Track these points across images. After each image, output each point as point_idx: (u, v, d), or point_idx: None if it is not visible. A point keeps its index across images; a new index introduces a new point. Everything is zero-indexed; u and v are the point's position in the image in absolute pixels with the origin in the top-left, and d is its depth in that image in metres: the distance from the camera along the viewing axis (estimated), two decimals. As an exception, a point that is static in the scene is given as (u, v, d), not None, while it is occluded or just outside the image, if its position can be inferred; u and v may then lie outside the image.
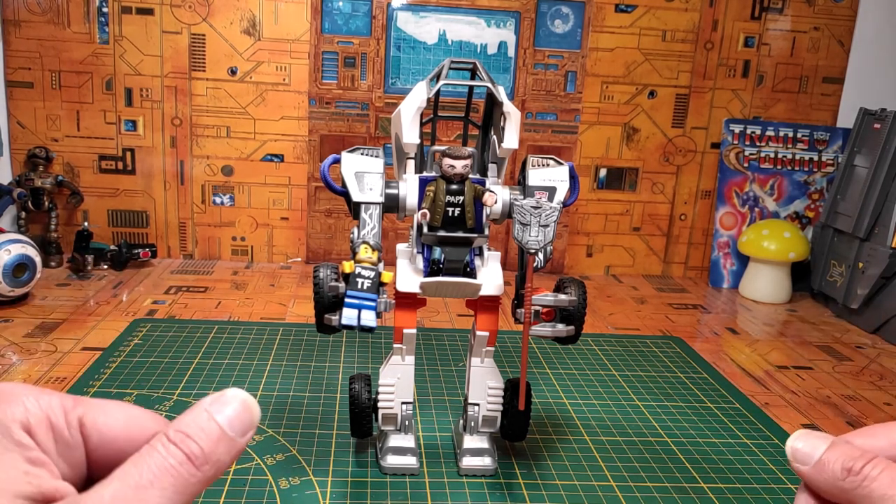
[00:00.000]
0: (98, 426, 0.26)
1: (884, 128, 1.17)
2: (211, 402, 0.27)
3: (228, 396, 0.27)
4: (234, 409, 0.27)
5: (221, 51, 1.22)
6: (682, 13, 1.28)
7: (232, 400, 0.27)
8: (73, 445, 0.26)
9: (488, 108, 0.67)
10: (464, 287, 0.61)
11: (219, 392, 0.27)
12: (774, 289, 1.26)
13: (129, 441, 0.26)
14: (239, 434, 0.26)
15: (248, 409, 0.27)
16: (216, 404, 0.27)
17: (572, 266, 1.36)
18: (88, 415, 0.26)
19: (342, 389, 0.81)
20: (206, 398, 0.27)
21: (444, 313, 1.09)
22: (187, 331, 0.94)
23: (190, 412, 0.26)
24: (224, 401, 0.27)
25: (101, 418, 0.26)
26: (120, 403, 0.27)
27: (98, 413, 0.27)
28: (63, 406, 0.26)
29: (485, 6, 1.24)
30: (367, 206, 0.61)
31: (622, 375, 0.90)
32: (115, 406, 0.27)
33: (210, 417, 0.26)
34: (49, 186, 1.20)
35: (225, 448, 0.26)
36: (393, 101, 1.25)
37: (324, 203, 1.29)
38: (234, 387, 0.28)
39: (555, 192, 0.62)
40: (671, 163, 1.34)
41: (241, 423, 0.27)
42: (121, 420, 0.27)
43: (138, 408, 0.28)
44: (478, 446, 0.66)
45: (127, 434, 0.27)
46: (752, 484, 0.68)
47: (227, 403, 0.27)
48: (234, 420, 0.26)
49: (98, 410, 0.27)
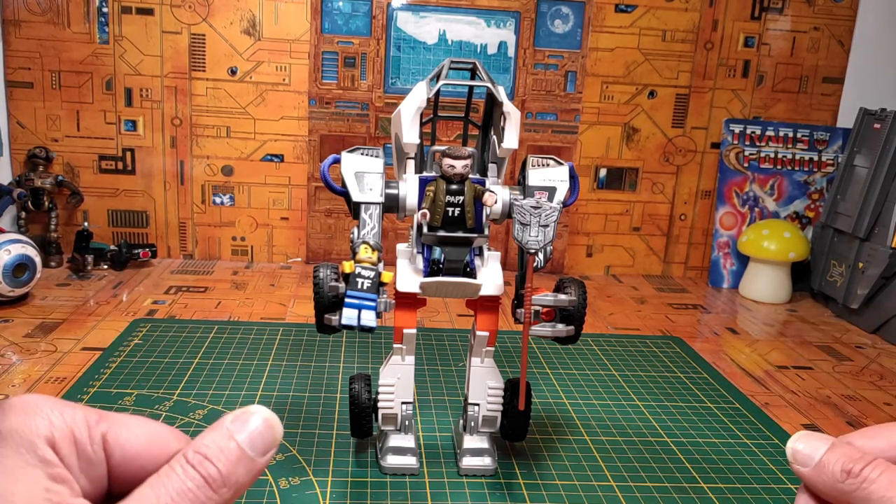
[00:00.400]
0: (121, 442, 0.26)
1: (884, 128, 1.17)
2: (232, 420, 0.26)
3: (250, 414, 0.26)
4: (256, 428, 0.26)
5: (221, 51, 1.22)
6: (682, 13, 1.28)
7: (254, 418, 0.26)
8: (96, 462, 0.26)
9: (488, 108, 0.67)
10: (464, 287, 0.61)
11: (242, 409, 0.27)
12: (774, 289, 1.26)
13: (151, 458, 0.26)
14: (259, 454, 0.26)
15: (271, 428, 0.26)
16: (237, 422, 0.26)
17: (572, 266, 1.36)
18: (112, 430, 0.26)
19: (342, 389, 0.81)
20: (229, 415, 0.26)
21: (444, 313, 1.09)
22: (187, 331, 0.94)
23: (211, 430, 0.26)
24: (245, 418, 0.26)
25: (123, 434, 0.26)
26: (143, 419, 0.27)
27: (121, 429, 0.26)
28: (87, 420, 0.26)
29: (485, 6, 1.24)
30: (367, 206, 0.61)
31: (622, 375, 0.90)
32: (137, 422, 0.27)
33: (230, 437, 0.26)
34: (49, 186, 1.20)
35: (245, 469, 0.25)
36: (393, 101, 1.25)
37: (324, 203, 1.29)
38: (256, 404, 0.27)
39: (555, 192, 0.62)
40: (671, 163, 1.34)
41: (263, 442, 0.26)
42: (143, 437, 0.26)
43: (161, 424, 0.27)
44: (478, 446, 0.66)
45: (149, 451, 0.26)
46: (752, 484, 0.68)
47: (248, 422, 0.26)
48: (256, 439, 0.26)
49: (121, 426, 0.26)
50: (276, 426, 0.27)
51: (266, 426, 0.26)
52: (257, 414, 0.26)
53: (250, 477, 0.26)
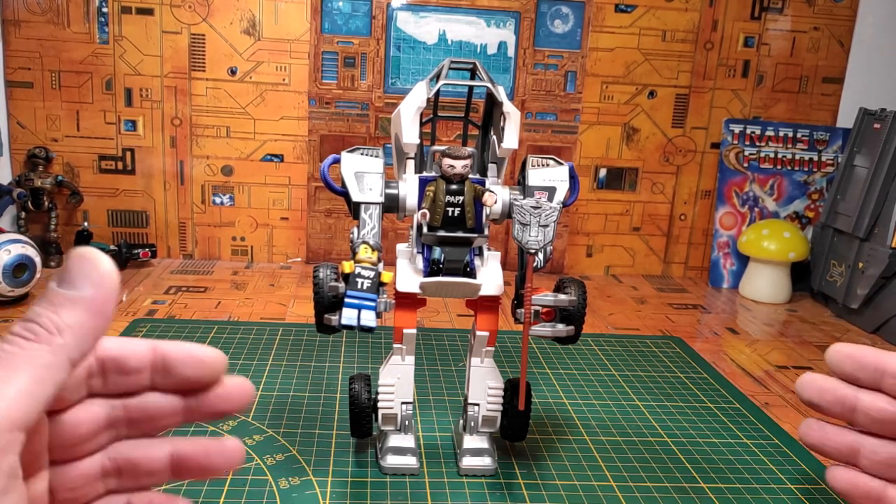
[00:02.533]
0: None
1: (884, 128, 1.17)
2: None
3: (67, 258, 0.26)
4: (67, 266, 0.25)
5: (221, 51, 1.22)
6: (682, 13, 1.28)
7: (69, 259, 0.25)
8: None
9: (488, 108, 0.67)
10: (464, 287, 0.61)
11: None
12: (774, 289, 1.26)
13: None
14: (78, 287, 0.25)
15: (85, 259, 0.25)
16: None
17: (572, 266, 1.36)
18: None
19: (342, 389, 0.81)
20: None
21: (444, 313, 1.09)
22: (187, 331, 0.94)
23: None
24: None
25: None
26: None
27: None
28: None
29: (485, 6, 1.24)
30: (367, 206, 0.61)
31: (622, 375, 0.90)
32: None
33: (46, 287, 0.25)
34: (49, 186, 1.20)
35: (70, 309, 0.25)
36: (393, 101, 1.25)
37: (324, 203, 1.29)
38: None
39: (555, 192, 0.62)
40: (671, 163, 1.34)
41: (80, 274, 0.25)
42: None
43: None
44: (478, 446, 0.66)
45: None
46: (752, 484, 0.68)
47: (63, 267, 0.25)
48: (69, 275, 0.25)
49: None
50: (91, 257, 0.25)
51: (78, 261, 0.25)
52: (70, 255, 0.26)
53: (87, 316, 0.25)
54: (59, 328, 0.24)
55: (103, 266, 0.25)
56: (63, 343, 0.24)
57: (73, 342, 0.24)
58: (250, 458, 0.66)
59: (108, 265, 0.25)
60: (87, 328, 0.25)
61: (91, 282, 0.25)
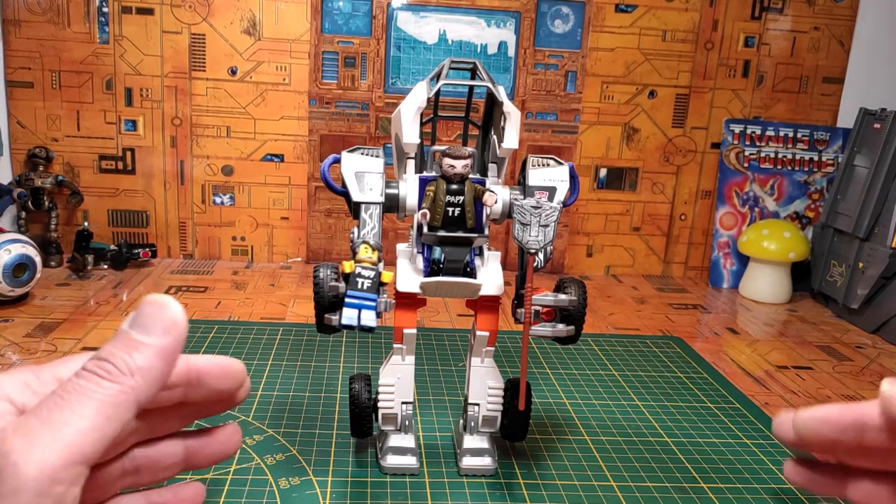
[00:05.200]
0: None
1: (884, 128, 1.17)
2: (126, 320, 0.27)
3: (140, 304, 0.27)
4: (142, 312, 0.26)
5: (221, 51, 1.22)
6: (682, 13, 1.28)
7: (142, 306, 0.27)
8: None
9: (488, 108, 0.67)
10: (464, 287, 0.61)
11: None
12: (774, 289, 1.26)
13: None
14: (151, 334, 0.26)
15: (159, 306, 0.27)
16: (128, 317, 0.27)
17: (572, 266, 1.36)
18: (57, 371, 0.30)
19: (342, 389, 0.81)
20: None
21: (444, 313, 1.09)
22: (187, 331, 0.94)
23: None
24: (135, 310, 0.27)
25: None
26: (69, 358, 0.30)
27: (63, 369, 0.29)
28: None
29: (485, 6, 1.24)
30: (367, 206, 0.61)
31: (622, 375, 0.90)
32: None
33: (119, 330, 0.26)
34: (49, 186, 1.20)
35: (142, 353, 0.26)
36: (393, 101, 1.25)
37: (324, 203, 1.29)
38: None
39: (555, 192, 0.62)
40: (671, 163, 1.34)
41: (153, 322, 0.26)
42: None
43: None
44: (478, 446, 0.66)
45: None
46: (752, 484, 0.68)
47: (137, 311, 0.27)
48: (143, 321, 0.26)
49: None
50: (165, 304, 0.27)
51: (152, 307, 0.27)
52: (144, 301, 0.27)
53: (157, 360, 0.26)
54: (132, 370, 0.25)
55: (175, 314, 0.27)
56: (133, 384, 0.25)
57: (143, 384, 0.26)
58: (250, 458, 0.66)
59: (179, 313, 0.27)
60: (155, 372, 0.26)
61: (163, 328, 0.27)
